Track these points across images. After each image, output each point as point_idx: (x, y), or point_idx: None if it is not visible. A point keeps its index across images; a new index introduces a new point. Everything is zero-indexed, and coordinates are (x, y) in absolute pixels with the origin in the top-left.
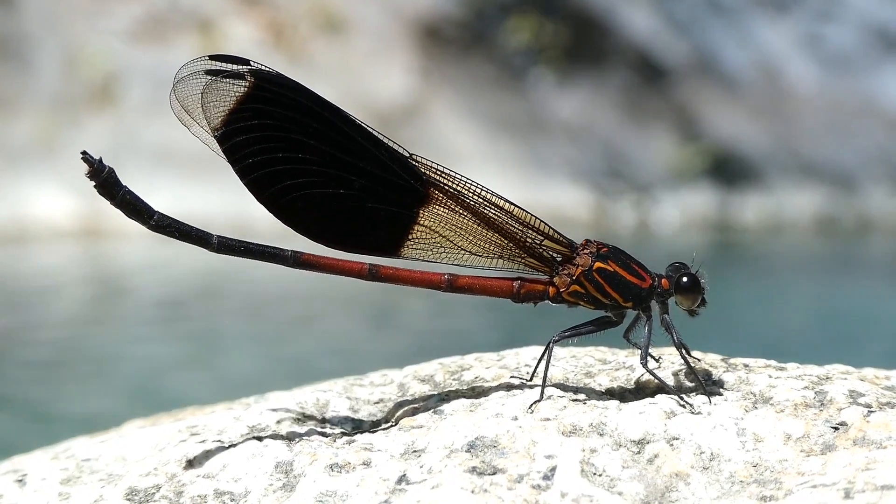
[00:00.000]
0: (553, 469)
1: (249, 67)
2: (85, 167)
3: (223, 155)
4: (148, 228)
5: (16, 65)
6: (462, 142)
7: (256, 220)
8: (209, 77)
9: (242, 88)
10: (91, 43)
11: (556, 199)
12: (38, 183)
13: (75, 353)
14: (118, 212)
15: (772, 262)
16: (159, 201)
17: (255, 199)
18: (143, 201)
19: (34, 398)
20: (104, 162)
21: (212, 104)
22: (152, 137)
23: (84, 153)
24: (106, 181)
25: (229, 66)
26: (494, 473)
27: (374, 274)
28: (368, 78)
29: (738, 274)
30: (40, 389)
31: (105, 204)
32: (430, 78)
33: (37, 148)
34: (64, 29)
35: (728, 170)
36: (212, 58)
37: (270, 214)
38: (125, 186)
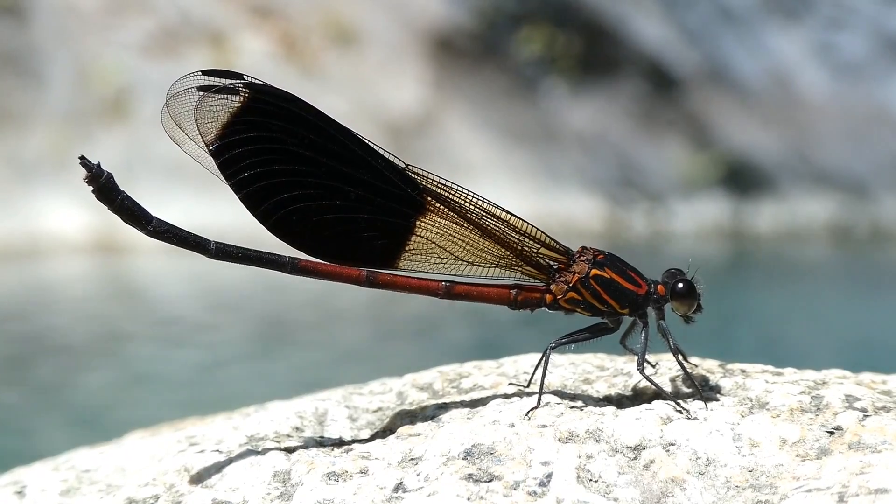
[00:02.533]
0: (549, 475)
1: (243, 81)
2: (83, 172)
3: (217, 171)
4: (146, 234)
5: (28, 79)
6: (475, 152)
7: (269, 235)
8: (202, 92)
9: (236, 102)
10: (103, 57)
11: (569, 209)
12: (50, 197)
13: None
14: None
15: (786, 271)
16: (172, 215)
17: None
18: (141, 207)
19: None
20: (102, 167)
21: (205, 119)
22: (165, 151)
23: (82, 158)
24: (104, 186)
25: (222, 81)
26: (491, 480)
27: (371, 280)
28: (381, 90)
29: (753, 282)
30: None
31: (118, 218)
32: (442, 89)
33: (49, 162)
34: (75, 43)
35: (741, 178)
36: (205, 73)
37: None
38: (123, 191)
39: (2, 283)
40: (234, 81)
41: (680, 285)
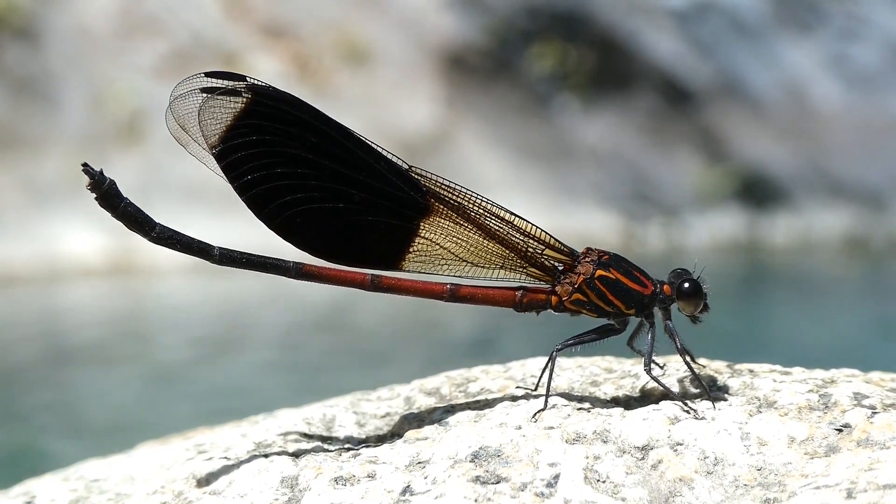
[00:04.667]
0: (556, 476)
1: (246, 83)
2: (86, 179)
3: (221, 173)
4: (149, 241)
5: (42, 104)
6: (489, 169)
7: (286, 255)
8: (206, 94)
9: (240, 104)
10: (117, 80)
11: (584, 225)
12: (66, 221)
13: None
14: (148, 248)
15: (802, 283)
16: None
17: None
18: (144, 213)
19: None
20: (105, 174)
21: (209, 121)
22: (180, 173)
23: (85, 165)
24: (107, 193)
25: (226, 83)
26: (498, 482)
27: (376, 284)
28: (394, 108)
29: (769, 295)
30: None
31: (134, 240)
32: (455, 107)
33: (65, 186)
34: (89, 67)
35: (756, 191)
36: (208, 75)
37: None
38: (126, 198)
39: (20, 308)
40: (237, 83)
41: (686, 285)
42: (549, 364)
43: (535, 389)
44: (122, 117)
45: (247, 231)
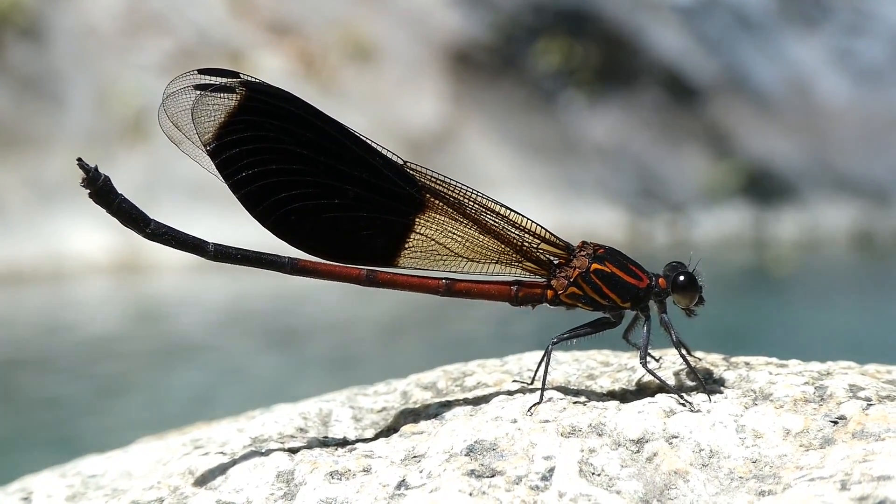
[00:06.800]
0: (551, 470)
1: (239, 79)
2: (80, 175)
3: (216, 171)
4: (144, 237)
5: (48, 102)
6: (495, 166)
7: (284, 251)
8: (199, 91)
9: (233, 101)
10: (122, 78)
11: (591, 221)
12: (72, 220)
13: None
14: (154, 246)
15: (809, 279)
16: (195, 234)
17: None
18: (138, 209)
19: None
20: (99, 170)
21: (203, 118)
22: (186, 171)
23: (79, 160)
24: (101, 189)
25: (219, 80)
26: (493, 476)
27: (371, 279)
28: (400, 105)
29: (775, 291)
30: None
31: (140, 238)
32: (461, 103)
33: (70, 185)
34: (94, 65)
35: (762, 186)
36: (201, 71)
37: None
38: (121, 195)
39: (27, 306)
40: (230, 80)
41: (681, 278)
42: (545, 358)
43: (532, 383)
44: (127, 116)
45: (253, 229)
